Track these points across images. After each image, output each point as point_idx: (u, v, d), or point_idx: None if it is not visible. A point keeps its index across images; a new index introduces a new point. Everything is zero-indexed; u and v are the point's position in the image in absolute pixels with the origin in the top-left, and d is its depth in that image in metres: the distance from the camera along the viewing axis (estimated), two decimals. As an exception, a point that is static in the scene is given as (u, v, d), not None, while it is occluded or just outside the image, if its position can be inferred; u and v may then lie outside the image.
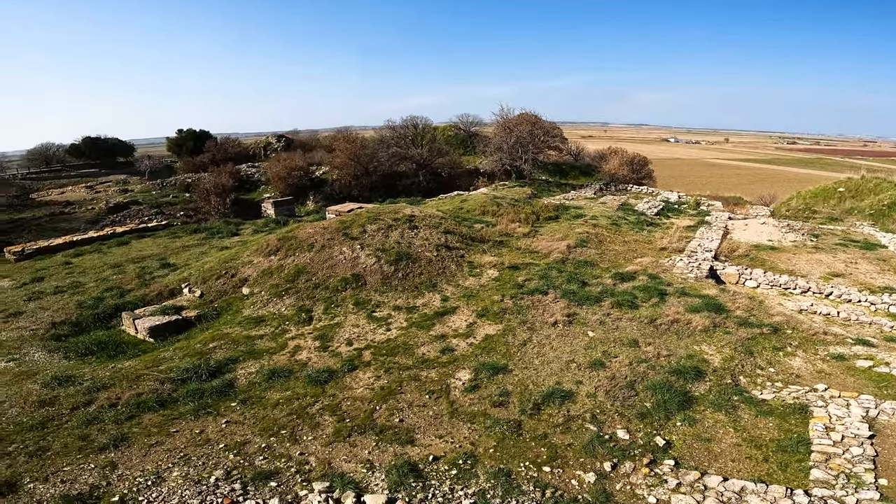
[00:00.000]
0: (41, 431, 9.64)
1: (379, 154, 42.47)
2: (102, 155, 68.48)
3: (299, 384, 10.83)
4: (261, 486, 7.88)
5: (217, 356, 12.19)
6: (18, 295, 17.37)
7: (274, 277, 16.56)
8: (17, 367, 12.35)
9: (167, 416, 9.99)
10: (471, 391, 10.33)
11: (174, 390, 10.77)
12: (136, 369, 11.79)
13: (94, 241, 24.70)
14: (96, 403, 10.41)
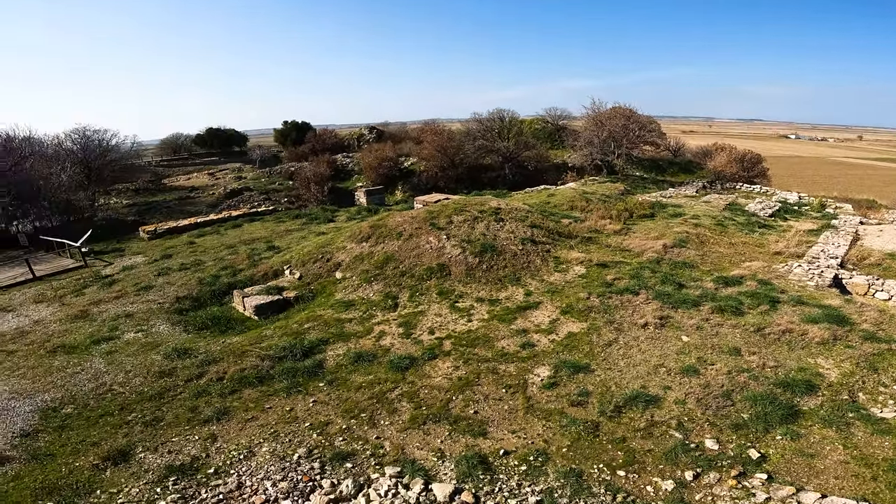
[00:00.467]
0: (158, 402, 10.60)
1: (465, 146, 42.53)
2: (221, 144, 74.91)
3: (381, 369, 11.07)
4: (337, 466, 8.10)
5: (310, 337, 12.76)
6: (150, 270, 19.51)
7: (364, 263, 17.14)
8: (144, 338, 13.78)
9: (264, 392, 10.61)
10: (549, 388, 10.05)
11: (272, 367, 11.41)
12: (241, 345, 12.62)
13: (214, 223, 27.18)
14: (206, 377, 11.29)
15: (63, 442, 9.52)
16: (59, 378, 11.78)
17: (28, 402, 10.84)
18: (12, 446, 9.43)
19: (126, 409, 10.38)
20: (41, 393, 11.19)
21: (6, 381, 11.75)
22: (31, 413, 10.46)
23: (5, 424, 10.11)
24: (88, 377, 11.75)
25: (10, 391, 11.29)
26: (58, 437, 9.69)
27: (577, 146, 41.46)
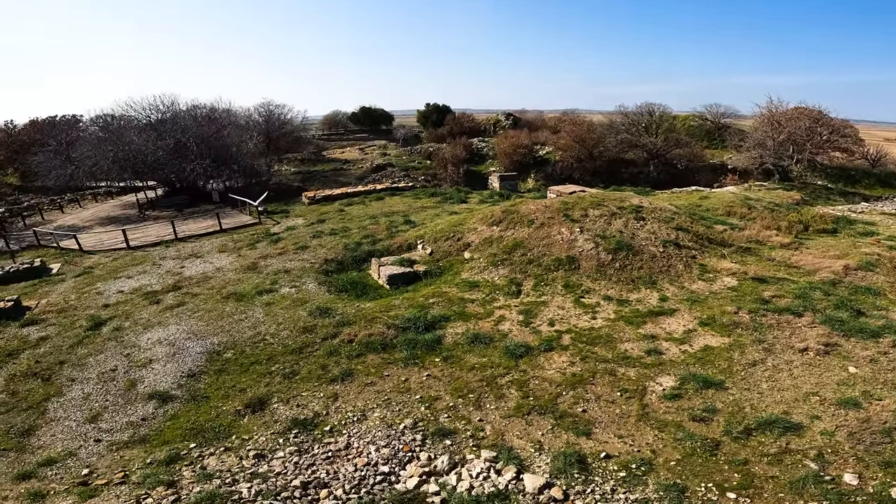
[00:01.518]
0: (297, 356, 11.22)
1: (606, 139, 39.83)
2: (371, 122, 79.64)
3: (496, 353, 10.72)
4: (437, 441, 7.98)
5: (433, 312, 12.72)
6: (307, 232, 21.29)
7: (493, 247, 16.81)
8: (296, 294, 14.90)
9: (385, 359, 10.78)
10: (670, 399, 9.02)
11: (395, 336, 11.57)
12: (372, 311, 12.98)
13: (361, 194, 29.04)
14: (339, 337, 11.77)
15: (218, 385, 10.42)
16: (227, 323, 13.07)
17: (200, 344, 12.12)
18: (178, 385, 10.55)
19: (272, 359, 11.08)
20: (211, 336, 12.45)
21: (187, 322, 13.39)
22: (200, 354, 11.64)
23: (178, 364, 11.36)
24: (249, 325, 12.89)
25: (188, 331, 12.80)
26: (215, 381, 10.62)
27: (744, 147, 36.35)
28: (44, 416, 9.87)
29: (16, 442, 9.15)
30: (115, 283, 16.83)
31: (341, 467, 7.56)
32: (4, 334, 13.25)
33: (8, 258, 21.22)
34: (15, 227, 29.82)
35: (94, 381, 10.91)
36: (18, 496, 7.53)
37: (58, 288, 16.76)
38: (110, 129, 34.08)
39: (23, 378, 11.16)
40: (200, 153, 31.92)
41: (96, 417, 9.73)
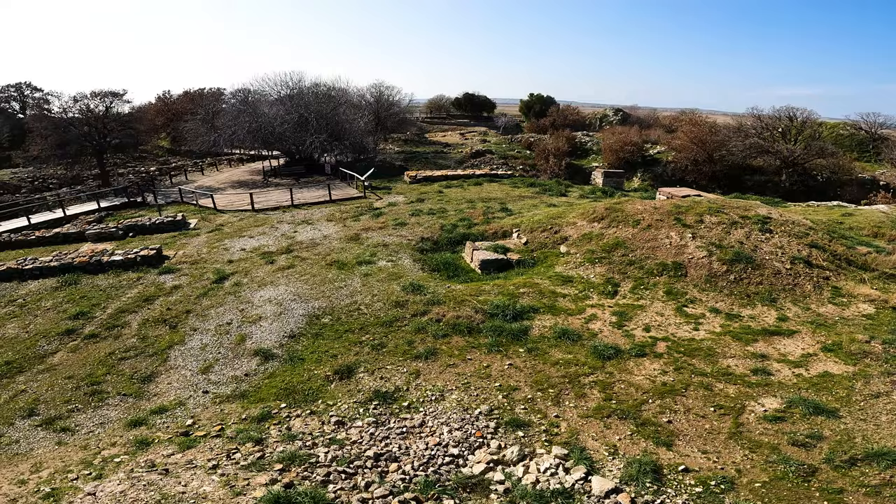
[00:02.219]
0: (387, 329, 11.24)
1: (731, 143, 35.80)
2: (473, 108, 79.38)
3: (583, 352, 10.14)
4: (510, 431, 7.76)
5: (522, 302, 12.24)
6: (406, 210, 21.64)
7: (592, 243, 15.83)
8: (392, 268, 15.09)
9: (469, 342, 10.50)
10: (770, 421, 8.11)
11: (482, 321, 11.25)
12: (462, 294, 12.72)
13: (460, 178, 29.02)
14: (428, 315, 11.63)
15: (314, 349, 10.66)
16: (328, 289, 13.49)
17: (302, 306, 12.57)
18: (280, 345, 10.95)
19: (364, 329, 11.22)
20: (313, 300, 12.87)
21: (294, 284, 14.02)
22: (302, 317, 12.04)
23: (282, 324, 11.82)
24: (347, 293, 13.18)
25: (294, 293, 13.35)
26: (311, 344, 10.89)
27: (903, 162, 30.94)
28: (165, 364, 10.58)
29: (137, 387, 9.84)
30: (239, 241, 18.28)
31: (413, 444, 7.58)
32: (144, 280, 14.82)
33: (155, 211, 24.05)
34: (163, 184, 33.78)
35: (212, 333, 11.72)
36: (126, 443, 8.12)
37: (193, 241, 18.58)
38: (248, 101, 37.24)
39: (154, 324, 12.22)
40: (319, 128, 33.83)
41: (208, 369, 10.34)
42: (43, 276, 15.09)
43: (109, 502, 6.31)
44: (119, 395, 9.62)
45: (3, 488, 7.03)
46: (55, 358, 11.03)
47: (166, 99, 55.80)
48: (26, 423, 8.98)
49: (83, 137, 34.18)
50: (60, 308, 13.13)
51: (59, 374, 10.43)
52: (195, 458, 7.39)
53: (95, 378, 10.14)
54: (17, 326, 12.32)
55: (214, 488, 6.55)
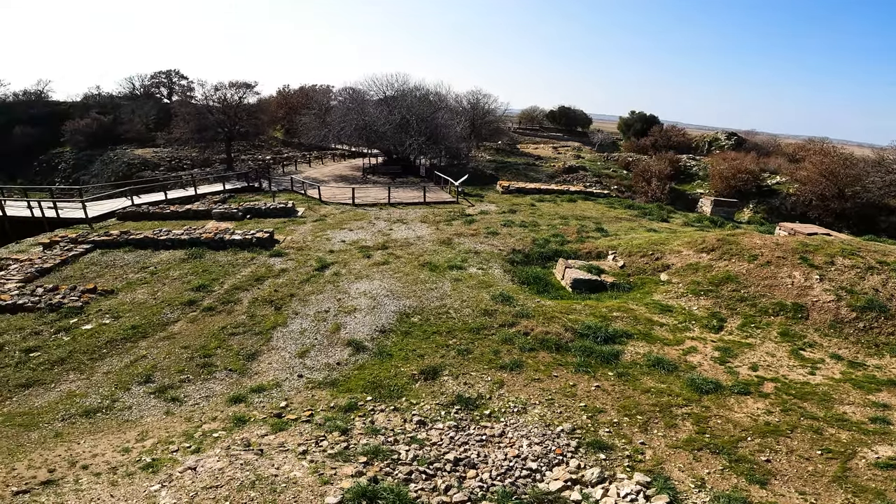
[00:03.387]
0: (474, 335, 11.08)
1: (868, 178, 31.35)
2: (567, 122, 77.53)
3: (677, 383, 9.50)
4: (591, 452, 7.53)
5: (615, 326, 11.69)
6: (498, 219, 21.35)
7: (698, 274, 14.58)
8: (482, 275, 14.89)
9: (556, 360, 10.16)
10: (882, 468, 7.51)
11: (571, 340, 10.86)
12: (552, 310, 12.31)
13: (553, 192, 28.22)
14: (516, 328, 11.38)
15: (402, 346, 10.73)
16: (419, 290, 13.58)
17: (394, 303, 12.72)
18: (371, 338, 11.12)
19: (451, 333, 11.16)
20: (405, 298, 12.99)
21: (388, 280, 14.25)
22: (393, 313, 12.18)
23: (374, 317, 12.01)
24: (437, 296, 13.19)
25: (387, 289, 13.57)
26: (400, 341, 10.97)
27: None
28: (268, 344, 11.07)
29: (241, 364, 10.32)
30: (340, 233, 19.04)
31: (492, 453, 7.50)
32: (257, 261, 15.82)
33: (269, 196, 25.88)
34: (276, 172, 36.37)
35: (311, 319, 12.15)
36: (226, 418, 8.47)
37: (299, 228, 19.65)
38: (356, 100, 39.08)
39: (261, 304, 12.90)
40: (419, 130, 34.62)
41: (304, 353, 10.68)
42: (174, 247, 16.70)
43: (208, 478, 6.60)
44: (226, 369, 10.16)
45: (107, 455, 7.50)
46: (175, 327, 11.93)
47: (285, 93, 59.91)
48: (141, 390, 9.49)
49: (218, 124, 37.61)
50: (185, 279, 14.37)
51: (177, 343, 11.19)
52: (286, 441, 7.60)
53: (207, 351, 10.78)
54: (147, 293, 13.60)
55: (304, 474, 6.70)
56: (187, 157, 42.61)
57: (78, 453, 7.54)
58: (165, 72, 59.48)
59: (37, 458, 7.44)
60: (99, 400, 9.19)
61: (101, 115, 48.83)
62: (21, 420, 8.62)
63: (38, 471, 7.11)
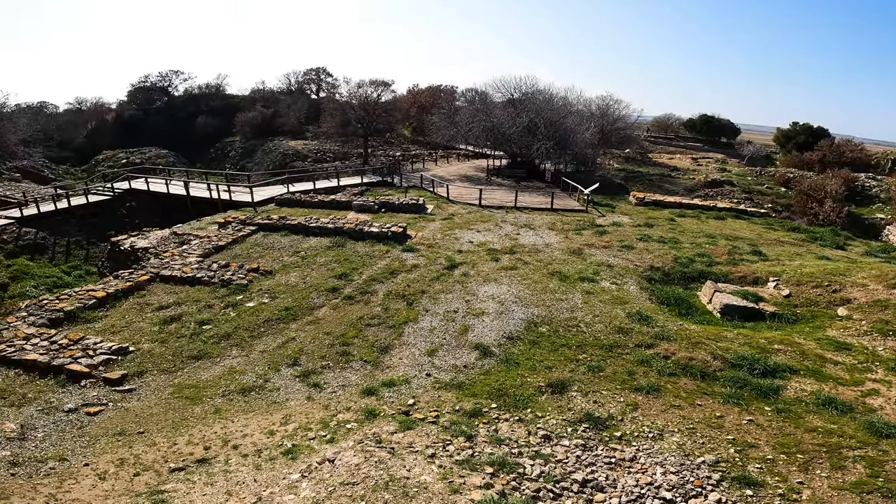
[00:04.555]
0: (606, 353, 10.43)
1: None
2: (709, 132, 70.01)
3: (851, 425, 8.34)
4: (736, 487, 6.88)
5: (776, 359, 10.28)
6: (633, 233, 19.73)
7: (887, 312, 12.23)
8: (616, 291, 13.85)
9: (701, 388, 9.28)
10: None
11: (720, 369, 9.83)
12: (698, 335, 11.19)
13: (697, 207, 25.43)
14: (654, 350, 10.51)
15: (529, 356, 10.41)
16: (548, 299, 13.04)
17: (522, 311, 12.38)
18: (498, 344, 10.91)
19: (581, 348, 10.66)
20: (533, 306, 12.59)
21: (516, 286, 13.86)
22: (521, 321, 11.87)
23: (502, 323, 11.77)
24: (567, 307, 12.58)
25: (516, 296, 13.22)
26: (527, 350, 10.67)
27: None
28: (400, 339, 11.27)
29: (375, 356, 10.59)
30: (468, 233, 19.06)
31: (621, 477, 7.09)
32: (391, 254, 16.39)
33: (401, 192, 26.98)
34: (405, 168, 37.95)
35: (440, 318, 12.19)
36: (358, 410, 8.67)
37: (429, 226, 20.09)
38: (486, 102, 39.25)
39: (395, 297, 13.25)
40: (547, 135, 33.59)
41: (433, 352, 10.71)
42: (321, 234, 18.06)
43: (345, 473, 6.70)
44: (361, 360, 10.51)
45: (255, 436, 8.01)
46: (320, 312, 12.70)
47: (414, 91, 62.31)
48: (288, 372, 10.09)
49: (357, 120, 40.39)
50: (329, 266, 15.37)
51: (321, 328, 11.87)
52: (414, 441, 7.58)
53: (346, 339, 11.26)
54: (298, 276, 14.76)
55: (434, 479, 6.58)
56: (330, 150, 46.32)
57: (231, 432, 8.16)
58: (315, 69, 65.11)
59: (196, 433, 8.16)
60: (254, 379, 9.90)
61: (265, 109, 54.84)
62: (188, 393, 9.54)
63: (195, 447, 7.77)
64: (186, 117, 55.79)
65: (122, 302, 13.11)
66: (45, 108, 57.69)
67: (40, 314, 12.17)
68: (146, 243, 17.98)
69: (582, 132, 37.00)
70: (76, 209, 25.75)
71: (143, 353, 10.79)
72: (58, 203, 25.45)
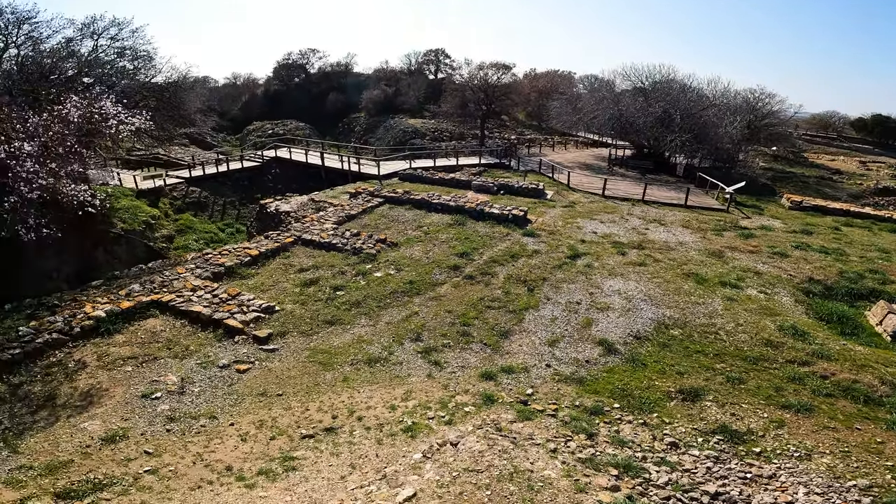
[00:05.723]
0: (749, 365, 9.64)
1: None
2: (883, 134, 59.45)
3: None
4: None
5: None
6: (787, 239, 17.31)
7: None
8: (764, 300, 12.41)
9: (861, 412, 8.47)
10: None
11: (887, 395, 8.93)
12: (864, 357, 9.99)
13: (867, 217, 21.59)
14: (810, 367, 9.63)
15: (658, 359, 9.86)
16: (682, 301, 12.09)
17: (652, 310, 11.64)
18: (623, 342, 10.41)
19: (720, 356, 9.92)
20: (664, 307, 11.78)
21: (645, 283, 13.00)
22: (650, 321, 11.21)
23: (628, 320, 11.18)
24: (704, 312, 11.58)
25: (645, 293, 12.43)
26: (656, 352, 10.09)
27: None
28: (520, 325, 11.10)
29: (495, 340, 10.52)
30: (591, 223, 18.19)
31: (756, 493, 6.64)
32: (511, 237, 16.19)
33: (519, 175, 26.51)
34: (520, 152, 37.26)
35: (562, 308, 11.81)
36: (476, 393, 8.63)
37: (549, 212, 19.50)
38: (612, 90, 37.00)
39: (515, 281, 13.07)
40: (683, 127, 30.77)
41: (554, 343, 10.43)
42: (442, 211, 18.43)
43: (468, 459, 6.65)
44: (481, 342, 10.52)
45: (378, 409, 8.28)
46: (442, 289, 12.92)
47: (532, 76, 60.76)
48: (411, 347, 10.32)
49: (476, 102, 40.45)
50: (450, 243, 15.62)
51: (442, 305, 12.05)
52: (534, 433, 7.43)
53: (467, 319, 11.31)
54: (421, 251, 15.18)
55: (557, 475, 6.37)
56: (447, 129, 47.09)
57: (357, 402, 8.51)
58: (434, 51, 66.24)
59: (326, 401, 8.59)
60: (379, 350, 10.25)
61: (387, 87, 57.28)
62: (321, 358, 10.05)
63: (324, 415, 8.18)
64: (319, 93, 60.14)
65: (269, 261, 14.43)
66: (208, 83, 65.86)
67: (205, 267, 13.61)
68: (288, 207, 19.78)
69: (724, 126, 33.28)
70: (232, 173, 29.21)
71: (286, 314, 11.59)
72: (219, 167, 29.03)
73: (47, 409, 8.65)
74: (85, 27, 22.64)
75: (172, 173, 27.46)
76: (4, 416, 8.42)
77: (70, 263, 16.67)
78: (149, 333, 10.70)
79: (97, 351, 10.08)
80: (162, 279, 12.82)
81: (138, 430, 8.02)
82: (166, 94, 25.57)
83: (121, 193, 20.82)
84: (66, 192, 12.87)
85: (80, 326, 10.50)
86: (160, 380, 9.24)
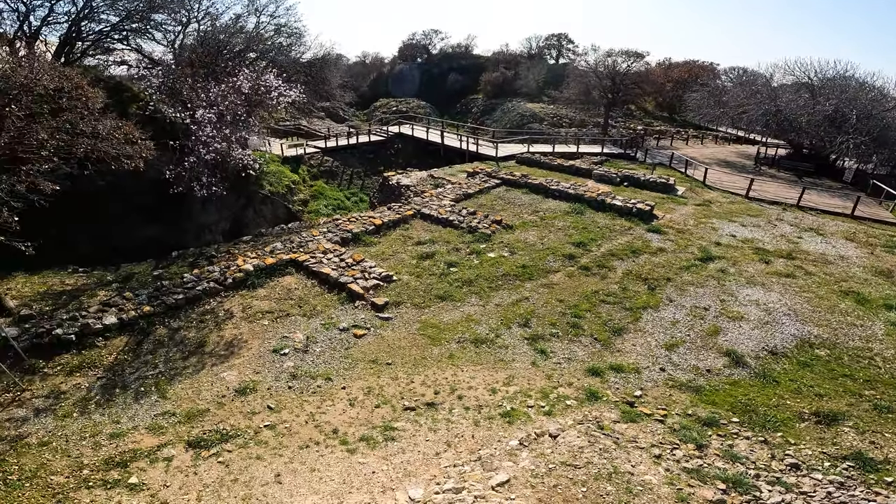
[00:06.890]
0: None
1: None
2: None
3: None
4: None
5: None
6: None
7: None
8: None
9: None
10: None
11: None
12: None
13: None
14: None
15: (794, 377, 9.11)
16: (834, 320, 10.84)
17: (795, 326, 10.59)
18: (755, 356, 9.62)
19: (870, 383, 9.01)
20: (811, 325, 10.67)
21: (791, 297, 11.78)
22: (791, 337, 10.26)
23: (764, 334, 10.27)
24: (860, 335, 10.37)
25: (788, 307, 11.28)
26: (793, 371, 9.30)
27: None
28: (636, 323, 10.69)
29: (606, 336, 10.24)
30: (729, 225, 16.66)
31: None
32: (633, 232, 15.47)
33: (646, 168, 24.93)
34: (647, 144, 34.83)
35: (686, 312, 11.16)
36: (580, 388, 8.49)
37: (680, 209, 18.20)
38: (768, 84, 33.27)
39: (634, 278, 12.55)
40: (858, 128, 26.58)
41: (672, 347, 9.94)
42: (560, 198, 18.15)
43: (566, 453, 6.65)
44: (591, 336, 10.34)
45: (479, 391, 8.44)
46: (554, 277, 12.82)
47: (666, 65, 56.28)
48: (518, 332, 10.32)
49: (602, 89, 38.66)
50: (567, 232, 15.38)
51: (553, 294, 11.95)
52: (638, 436, 7.25)
53: (578, 311, 11.14)
54: (536, 236, 15.15)
55: (659, 482, 6.20)
56: (566, 115, 45.68)
57: (459, 381, 8.76)
58: (556, 35, 64.14)
59: (430, 375, 8.89)
60: (486, 331, 10.38)
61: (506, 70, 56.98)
62: (431, 332, 10.35)
63: (427, 389, 8.48)
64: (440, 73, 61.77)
65: (390, 231, 15.39)
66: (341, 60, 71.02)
67: (335, 232, 14.86)
68: (408, 181, 20.89)
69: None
70: (360, 146, 31.45)
71: (402, 284, 12.15)
72: (350, 139, 31.44)
73: (197, 355, 9.33)
74: (249, 3, 25.57)
75: (311, 143, 30.31)
76: (160, 360, 9.14)
77: (226, 219, 19.46)
78: (285, 290, 11.71)
79: (243, 302, 11.12)
80: (299, 240, 14.28)
81: (266, 384, 8.54)
82: (314, 69, 28.15)
83: (270, 160, 23.61)
84: (233, 155, 14.97)
85: (232, 277, 11.66)
86: (290, 336, 9.97)
